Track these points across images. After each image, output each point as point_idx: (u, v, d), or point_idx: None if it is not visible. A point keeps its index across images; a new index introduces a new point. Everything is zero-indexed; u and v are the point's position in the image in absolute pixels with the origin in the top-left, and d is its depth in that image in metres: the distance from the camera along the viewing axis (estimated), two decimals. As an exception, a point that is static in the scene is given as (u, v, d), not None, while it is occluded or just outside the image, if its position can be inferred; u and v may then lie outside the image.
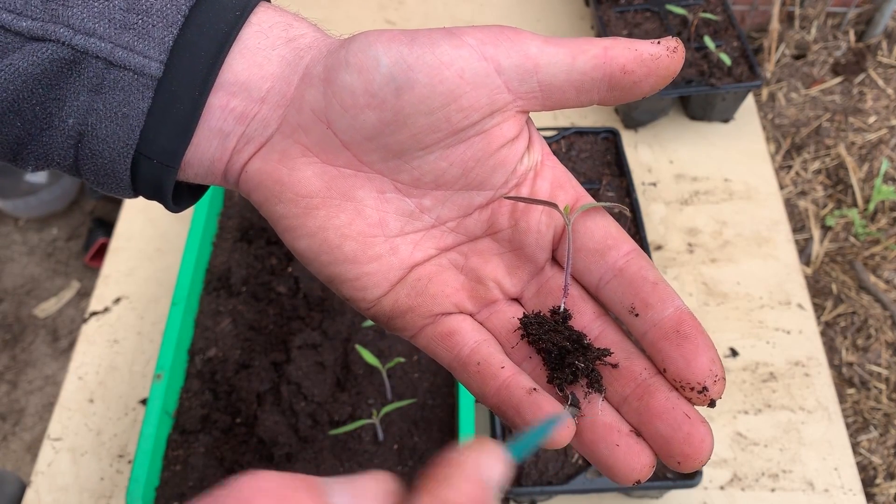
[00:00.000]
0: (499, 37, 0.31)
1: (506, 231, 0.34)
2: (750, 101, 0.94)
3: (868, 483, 1.27)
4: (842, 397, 1.35)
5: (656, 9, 0.95)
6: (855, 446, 1.31)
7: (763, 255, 0.82)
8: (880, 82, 1.65)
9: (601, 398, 0.31)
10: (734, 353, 0.76)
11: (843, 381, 1.37)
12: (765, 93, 1.66)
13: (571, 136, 0.85)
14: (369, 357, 0.64)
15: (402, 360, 0.69)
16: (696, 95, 0.88)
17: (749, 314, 0.78)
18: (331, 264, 0.34)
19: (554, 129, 0.85)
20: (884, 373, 1.36)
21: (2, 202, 1.80)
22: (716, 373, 0.29)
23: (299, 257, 0.34)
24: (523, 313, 0.34)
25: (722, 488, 0.68)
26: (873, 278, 1.45)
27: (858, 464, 1.29)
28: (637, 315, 0.31)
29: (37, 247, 1.84)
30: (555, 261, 0.35)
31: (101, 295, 0.84)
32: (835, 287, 1.45)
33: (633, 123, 0.92)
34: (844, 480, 0.68)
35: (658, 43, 0.31)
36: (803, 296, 0.79)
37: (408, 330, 0.35)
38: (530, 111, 0.33)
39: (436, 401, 0.69)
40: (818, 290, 1.45)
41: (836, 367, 1.38)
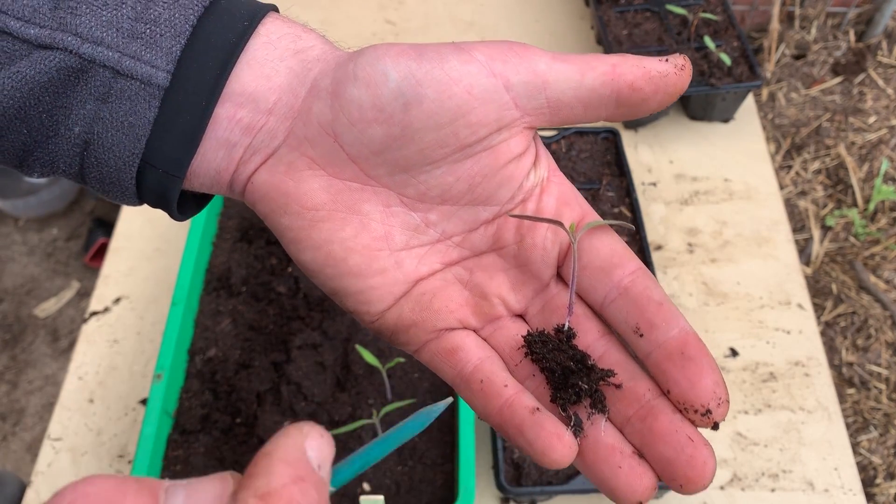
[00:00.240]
0: (507, 53, 0.31)
1: (511, 247, 0.34)
2: (750, 101, 0.94)
3: (868, 483, 1.27)
4: (842, 397, 1.35)
5: (656, 9, 0.95)
6: (855, 446, 1.31)
7: (763, 255, 0.82)
8: (880, 82, 1.65)
9: (604, 419, 0.31)
10: (734, 353, 0.76)
11: (843, 381, 1.37)
12: (765, 93, 1.66)
13: (571, 136, 0.85)
14: (369, 357, 0.64)
15: (402, 360, 0.69)
16: (696, 95, 0.88)
17: (749, 314, 0.78)
18: (335, 277, 0.34)
19: (554, 129, 0.85)
20: (884, 373, 1.36)
21: (2, 202, 1.80)
22: (720, 395, 0.29)
23: (304, 269, 0.34)
24: (527, 331, 0.34)
25: (722, 488, 0.68)
26: (873, 278, 1.45)
27: (858, 464, 1.29)
28: (642, 335, 0.31)
29: (37, 247, 1.84)
30: (560, 278, 0.34)
31: (101, 295, 0.84)
32: (835, 287, 1.45)
33: (633, 123, 0.92)
34: (844, 480, 0.68)
35: (666, 60, 0.31)
36: (803, 296, 0.79)
37: (411, 345, 0.35)
38: (538, 127, 0.33)
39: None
40: (818, 290, 1.45)
41: (836, 367, 1.38)
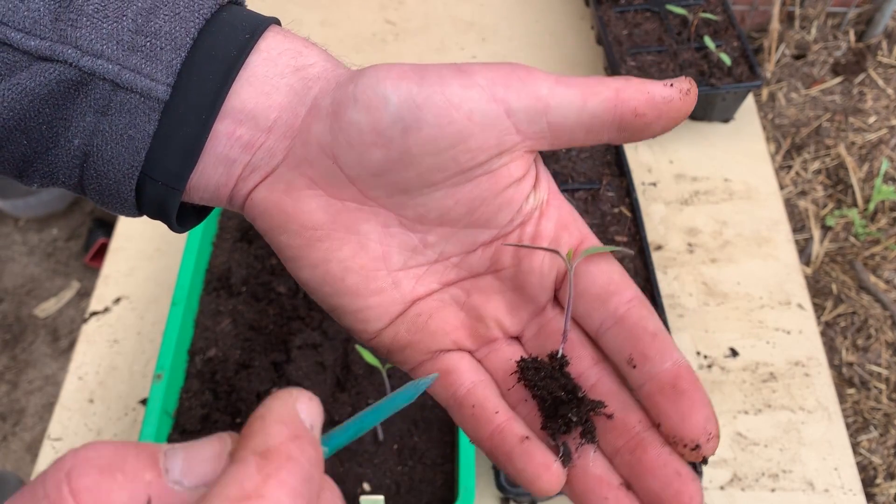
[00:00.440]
0: (510, 77, 0.31)
1: (509, 269, 0.34)
2: (750, 101, 0.94)
3: (868, 483, 1.28)
4: (842, 397, 1.35)
5: (656, 9, 0.95)
6: (855, 446, 1.31)
7: (763, 255, 0.82)
8: (880, 82, 1.65)
9: (594, 449, 0.31)
10: (734, 353, 0.76)
11: (843, 381, 1.37)
12: (765, 93, 1.66)
13: (571, 136, 0.85)
14: (369, 357, 0.64)
15: (402, 360, 0.69)
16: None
17: (749, 314, 0.78)
18: (333, 296, 0.34)
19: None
20: (884, 373, 1.36)
21: (2, 202, 1.80)
22: (710, 431, 0.29)
23: (303, 286, 0.34)
24: (521, 356, 0.34)
25: (722, 488, 0.68)
26: (873, 278, 1.45)
27: (858, 464, 1.29)
28: (635, 366, 0.31)
29: (37, 247, 1.84)
30: (557, 302, 0.34)
31: (101, 295, 0.84)
32: (835, 287, 1.45)
33: (633, 123, 0.92)
34: (844, 480, 0.68)
35: (671, 85, 0.31)
36: (803, 296, 0.79)
37: (407, 364, 0.35)
38: (539, 150, 0.33)
39: (436, 401, 0.69)
40: (818, 290, 1.45)
41: (836, 367, 1.38)
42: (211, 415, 0.70)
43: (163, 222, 0.34)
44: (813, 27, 1.70)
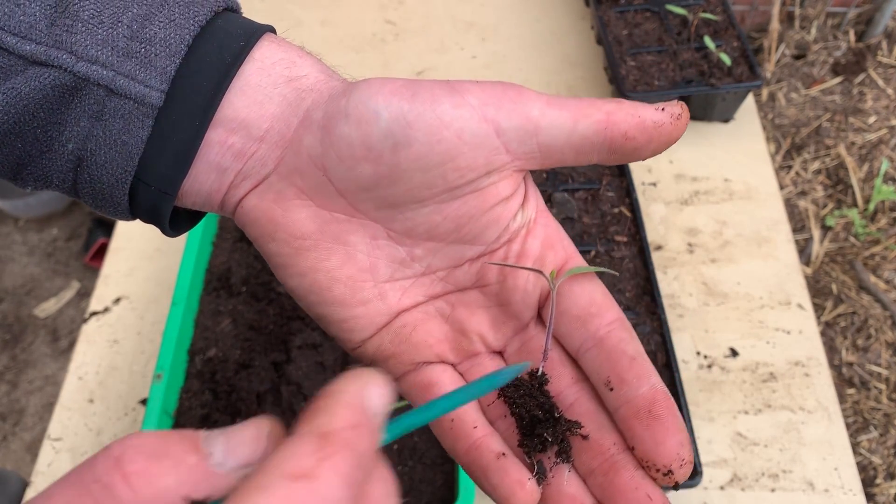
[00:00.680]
0: (501, 98, 0.31)
1: (494, 286, 0.34)
2: (750, 102, 0.94)
3: (868, 483, 1.28)
4: (842, 397, 1.35)
5: (656, 9, 0.95)
6: (855, 446, 1.31)
7: (763, 255, 0.82)
8: (880, 82, 1.65)
9: (568, 468, 0.31)
10: (734, 353, 0.76)
11: (843, 381, 1.37)
12: (765, 93, 1.66)
13: (571, 136, 0.85)
14: (369, 357, 0.64)
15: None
16: (696, 95, 0.88)
17: (749, 314, 0.78)
18: (319, 304, 0.34)
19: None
20: (884, 373, 1.36)
21: (2, 202, 1.80)
22: (683, 457, 0.29)
23: (291, 293, 0.35)
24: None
25: (722, 488, 0.68)
26: (873, 278, 1.45)
27: (858, 464, 1.29)
28: (612, 389, 0.31)
29: (37, 247, 1.85)
30: (540, 319, 0.35)
31: (101, 295, 0.84)
32: (835, 287, 1.45)
33: (633, 123, 0.92)
34: (844, 480, 0.68)
35: (662, 110, 0.31)
36: (803, 296, 0.79)
37: (390, 374, 0.35)
38: (528, 169, 0.33)
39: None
40: (818, 290, 1.45)
41: (836, 367, 1.38)
42: (211, 415, 0.70)
43: (156, 226, 0.34)
44: (813, 27, 1.70)
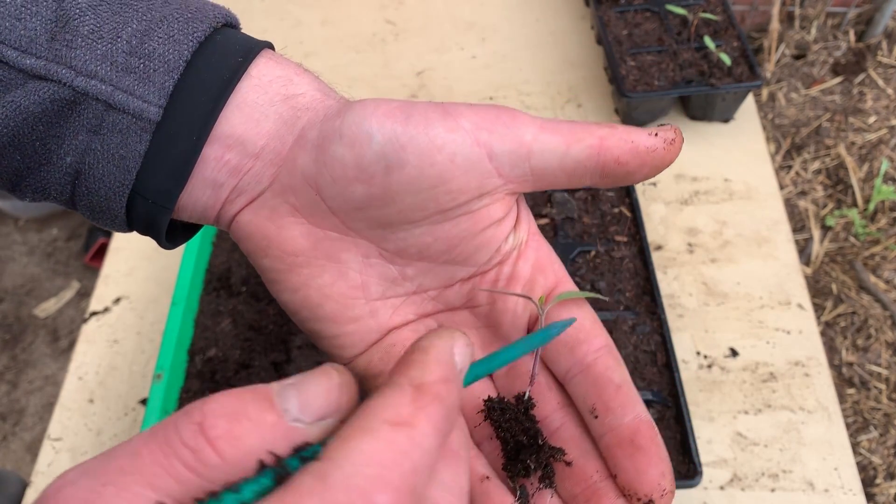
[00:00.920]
0: (495, 122, 0.31)
1: (484, 307, 0.34)
2: (750, 101, 0.94)
3: (868, 483, 1.28)
4: (842, 397, 1.35)
5: (656, 9, 0.95)
6: (855, 446, 1.31)
7: (763, 255, 0.82)
8: (880, 82, 1.65)
9: (551, 494, 0.31)
10: (734, 353, 0.76)
11: (843, 381, 1.37)
12: (765, 93, 1.66)
13: (571, 136, 0.85)
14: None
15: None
16: (696, 95, 0.88)
17: (749, 314, 0.78)
18: (310, 320, 0.34)
19: (554, 129, 0.85)
20: (884, 373, 1.36)
21: (2, 202, 1.80)
22: (664, 487, 0.29)
23: (283, 308, 0.35)
24: (488, 396, 0.34)
25: (722, 488, 0.68)
26: (873, 278, 1.45)
27: (858, 464, 1.29)
28: (596, 416, 0.31)
29: (37, 247, 1.85)
30: None
31: (101, 295, 0.84)
32: (835, 287, 1.45)
33: (633, 123, 0.92)
34: (844, 480, 0.68)
35: (655, 135, 0.31)
36: (803, 296, 0.79)
37: None
38: (521, 192, 0.33)
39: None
40: (818, 290, 1.45)
41: (836, 367, 1.38)
42: (211, 415, 0.70)
43: (152, 238, 0.34)
44: (813, 27, 1.70)
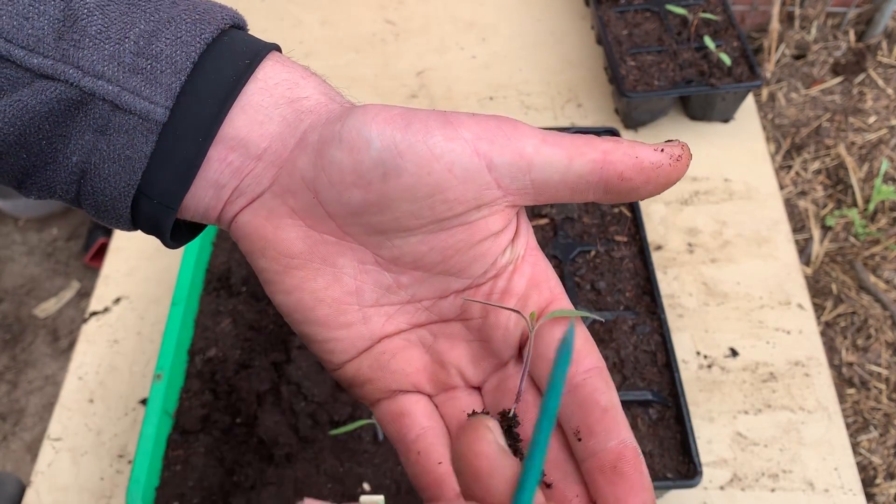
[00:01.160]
0: (496, 133, 0.31)
1: (477, 320, 0.34)
2: (750, 101, 0.94)
3: (868, 483, 1.28)
4: (842, 397, 1.35)
5: (656, 9, 0.95)
6: (855, 446, 1.31)
7: (763, 255, 0.82)
8: (880, 82, 1.65)
9: None
10: (734, 353, 0.76)
11: (843, 381, 1.37)
12: (765, 93, 1.66)
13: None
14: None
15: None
16: (696, 95, 0.88)
17: (749, 314, 0.78)
18: (302, 323, 0.34)
19: (554, 130, 0.85)
20: (884, 373, 1.36)
21: (2, 202, 1.80)
22: None
23: (278, 309, 0.35)
24: (472, 410, 0.34)
25: (722, 488, 0.68)
26: (873, 278, 1.45)
27: (858, 464, 1.29)
28: (580, 440, 0.30)
29: (37, 247, 1.85)
30: (521, 359, 0.34)
31: (101, 295, 0.84)
32: (835, 287, 1.45)
33: (633, 123, 0.92)
34: (844, 480, 0.68)
35: (661, 150, 0.30)
36: (803, 296, 0.79)
37: (366, 399, 0.35)
38: (522, 205, 0.33)
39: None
40: (818, 290, 1.45)
41: (836, 367, 1.38)
42: (211, 415, 0.70)
43: (157, 237, 0.35)
44: (813, 27, 1.70)
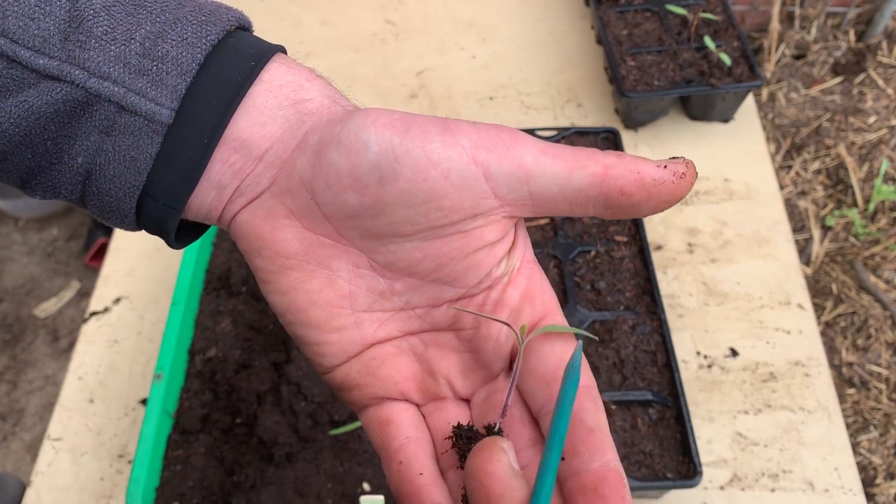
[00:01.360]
0: (495, 141, 0.31)
1: (468, 331, 0.34)
2: (750, 101, 0.94)
3: (868, 483, 1.28)
4: (842, 397, 1.35)
5: (656, 9, 0.95)
6: (855, 446, 1.31)
7: (763, 255, 0.82)
8: (880, 82, 1.65)
9: None
10: (734, 353, 0.76)
11: (843, 381, 1.38)
12: (765, 93, 1.66)
13: (571, 136, 0.85)
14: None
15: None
16: (696, 95, 0.88)
17: (749, 314, 0.78)
18: (295, 324, 0.34)
19: (554, 129, 0.85)
20: (884, 373, 1.36)
21: (2, 202, 1.80)
22: None
23: (272, 309, 0.35)
24: (458, 423, 0.34)
25: (722, 488, 0.68)
26: (873, 278, 1.45)
27: (858, 464, 1.29)
28: (563, 459, 0.30)
29: (37, 247, 1.85)
30: (510, 373, 0.34)
31: (101, 295, 0.84)
32: (835, 287, 1.45)
33: (633, 123, 0.92)
34: (844, 480, 0.68)
35: (665, 167, 0.30)
36: (803, 296, 0.79)
37: (353, 404, 0.35)
38: (520, 216, 0.33)
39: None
40: (818, 290, 1.45)
41: (836, 367, 1.38)
42: (211, 415, 0.70)
43: (161, 238, 0.35)
44: (813, 27, 1.70)
